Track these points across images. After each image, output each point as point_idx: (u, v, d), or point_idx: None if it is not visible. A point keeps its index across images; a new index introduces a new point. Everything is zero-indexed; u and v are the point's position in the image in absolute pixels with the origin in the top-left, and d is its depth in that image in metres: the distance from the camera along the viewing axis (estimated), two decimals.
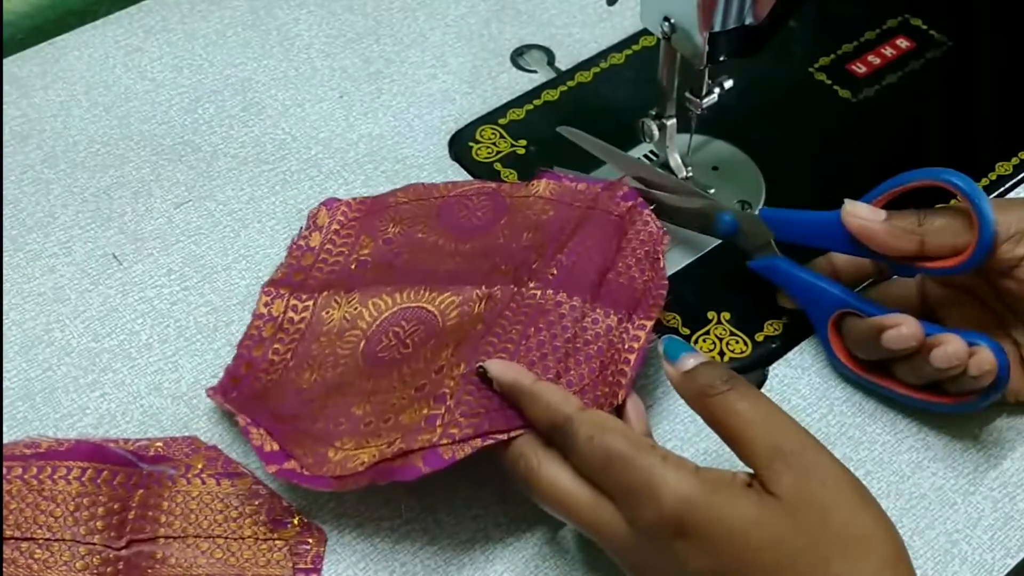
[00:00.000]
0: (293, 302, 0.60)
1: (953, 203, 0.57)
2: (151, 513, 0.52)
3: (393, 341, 0.57)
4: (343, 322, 0.59)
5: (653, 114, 0.64)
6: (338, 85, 0.74)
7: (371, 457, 0.50)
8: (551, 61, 0.76)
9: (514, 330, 0.53)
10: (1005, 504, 0.55)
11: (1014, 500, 0.55)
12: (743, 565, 0.43)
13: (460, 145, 0.70)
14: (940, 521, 0.54)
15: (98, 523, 0.51)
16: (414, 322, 0.57)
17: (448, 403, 0.51)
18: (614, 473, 0.45)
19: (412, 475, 0.49)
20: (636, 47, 0.76)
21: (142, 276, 0.64)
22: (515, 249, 0.60)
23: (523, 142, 0.70)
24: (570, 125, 0.70)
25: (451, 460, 0.49)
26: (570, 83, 0.74)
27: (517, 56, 0.76)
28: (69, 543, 0.51)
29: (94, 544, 0.51)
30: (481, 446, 0.49)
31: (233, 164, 0.69)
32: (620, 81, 0.74)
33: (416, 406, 0.52)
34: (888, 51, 0.75)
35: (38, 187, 0.68)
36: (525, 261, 0.58)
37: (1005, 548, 0.54)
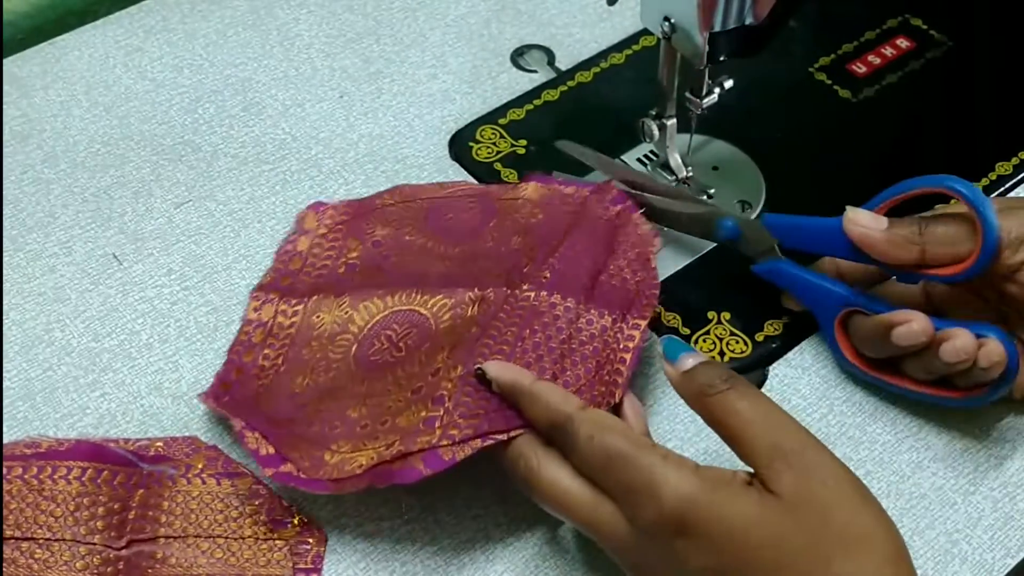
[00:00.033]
0: (283, 307, 0.60)
1: (953, 203, 0.57)
2: (151, 513, 0.52)
3: (386, 344, 0.57)
4: (334, 326, 0.58)
5: (653, 114, 0.64)
6: (338, 85, 0.74)
7: (369, 459, 0.50)
8: (551, 61, 0.76)
9: (509, 332, 0.53)
10: (1005, 504, 0.55)
11: (1014, 500, 0.55)
12: (743, 564, 0.43)
13: (460, 145, 0.70)
14: (940, 521, 0.54)
15: (98, 523, 0.51)
16: (406, 325, 0.57)
17: (446, 405, 0.51)
18: (614, 472, 0.45)
19: (412, 477, 0.49)
20: (636, 47, 0.76)
21: (142, 276, 0.64)
22: (504, 253, 0.60)
23: (523, 142, 0.70)
24: (570, 125, 0.70)
25: (451, 461, 0.49)
26: (570, 83, 0.74)
27: (517, 56, 0.76)
28: (69, 543, 0.51)
29: (94, 544, 0.51)
30: (481, 446, 0.49)
31: (233, 164, 0.69)
32: (620, 81, 0.74)
33: (413, 408, 0.52)
34: (888, 51, 0.75)
35: (38, 187, 0.68)
36: (516, 265, 0.58)
37: (1005, 548, 0.54)
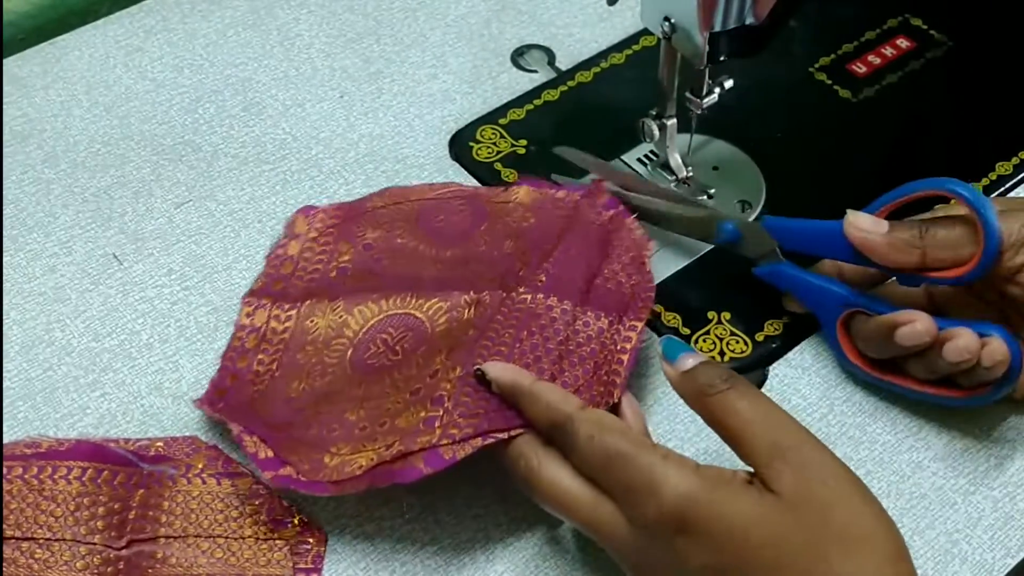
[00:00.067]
0: (276, 312, 0.60)
1: (952, 203, 0.57)
2: (151, 513, 0.52)
3: (382, 348, 0.57)
4: (328, 331, 0.58)
5: (653, 114, 0.64)
6: (338, 85, 0.74)
7: (368, 461, 0.50)
8: (551, 61, 0.76)
9: (507, 334, 0.53)
10: (1005, 504, 0.55)
11: (1014, 500, 0.55)
12: (743, 563, 0.43)
13: (460, 145, 0.70)
14: (940, 521, 0.54)
15: (98, 523, 0.52)
16: (402, 329, 0.57)
17: (446, 405, 0.51)
18: (614, 471, 0.45)
19: (413, 476, 0.49)
20: (636, 47, 0.76)
21: (143, 276, 0.64)
22: (498, 257, 0.60)
23: (523, 142, 0.70)
24: (570, 125, 0.70)
25: (452, 460, 0.49)
26: (570, 83, 0.74)
27: (517, 56, 0.76)
28: (70, 543, 0.51)
29: (94, 544, 0.51)
30: (481, 445, 0.49)
31: (234, 164, 0.69)
32: (620, 81, 0.74)
33: (412, 409, 0.52)
34: (888, 51, 0.75)
35: (39, 187, 0.68)
36: (510, 269, 0.58)
37: (1005, 548, 0.54)
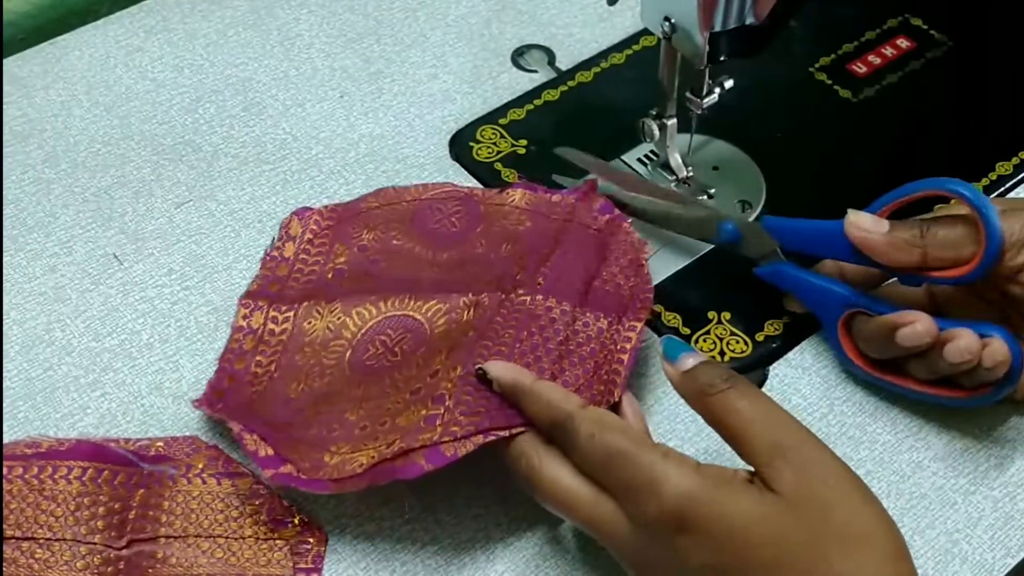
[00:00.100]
0: (272, 313, 0.60)
1: (953, 203, 0.57)
2: (152, 513, 0.52)
3: (380, 349, 0.57)
4: (326, 332, 0.58)
5: (653, 114, 0.64)
6: (339, 85, 0.74)
7: (369, 459, 0.50)
8: (551, 61, 0.76)
9: (507, 334, 0.53)
10: (1005, 504, 0.55)
11: (1014, 500, 0.55)
12: (744, 562, 0.43)
13: (461, 145, 0.70)
14: (940, 521, 0.54)
15: (99, 523, 0.52)
16: (401, 330, 0.57)
17: (447, 403, 0.51)
18: (615, 470, 0.45)
19: (414, 473, 0.49)
20: (636, 47, 0.76)
21: (143, 276, 0.64)
22: (495, 259, 0.60)
23: (524, 142, 0.70)
24: (570, 125, 0.70)
25: (453, 457, 0.49)
26: (571, 83, 0.74)
27: (518, 56, 0.76)
28: (70, 543, 0.51)
29: (95, 544, 0.51)
30: (483, 442, 0.49)
31: (234, 164, 0.69)
32: (620, 81, 0.74)
33: (413, 408, 0.52)
34: (888, 51, 0.75)
35: (39, 187, 0.68)
36: (507, 272, 0.58)
37: (1005, 548, 0.54)
